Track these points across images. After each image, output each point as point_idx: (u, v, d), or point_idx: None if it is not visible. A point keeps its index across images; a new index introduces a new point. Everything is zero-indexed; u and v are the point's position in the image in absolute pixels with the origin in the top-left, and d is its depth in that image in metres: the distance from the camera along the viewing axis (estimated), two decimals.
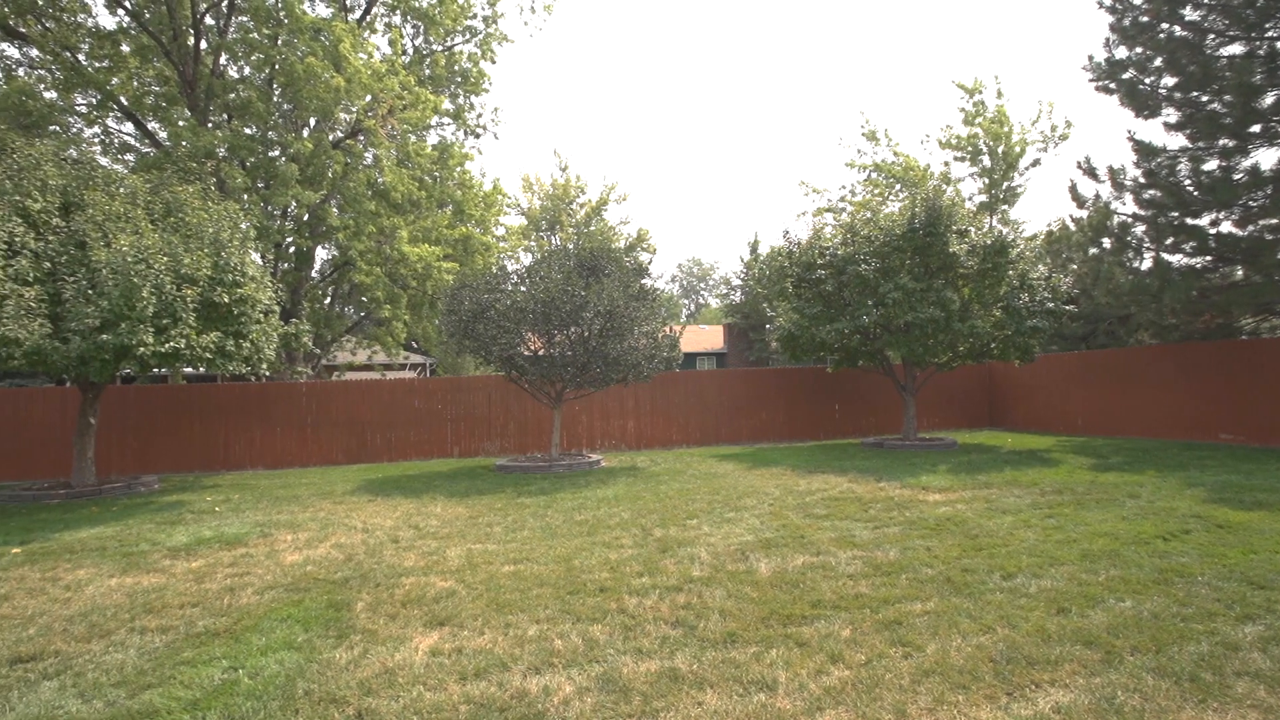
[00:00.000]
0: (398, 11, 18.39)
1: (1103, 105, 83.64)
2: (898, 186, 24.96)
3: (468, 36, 18.92)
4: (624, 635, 4.04)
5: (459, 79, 18.95)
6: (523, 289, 10.92)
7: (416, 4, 17.48)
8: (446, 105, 18.60)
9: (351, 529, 7.24)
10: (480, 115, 19.74)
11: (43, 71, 15.88)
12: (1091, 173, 13.08)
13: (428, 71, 18.28)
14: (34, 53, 15.54)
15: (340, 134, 16.81)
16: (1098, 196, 13.42)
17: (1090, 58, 12.62)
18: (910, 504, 7.56)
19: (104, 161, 16.39)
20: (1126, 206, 12.81)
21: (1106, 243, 13.39)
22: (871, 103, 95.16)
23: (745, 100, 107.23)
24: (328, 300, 19.47)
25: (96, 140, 17.68)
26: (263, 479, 11.87)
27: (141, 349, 8.18)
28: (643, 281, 11.64)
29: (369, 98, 14.91)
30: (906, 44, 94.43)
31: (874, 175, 25.35)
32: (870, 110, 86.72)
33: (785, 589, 4.78)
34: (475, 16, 18.60)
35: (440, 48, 18.88)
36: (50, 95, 15.42)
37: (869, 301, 12.02)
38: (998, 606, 4.27)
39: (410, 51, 18.39)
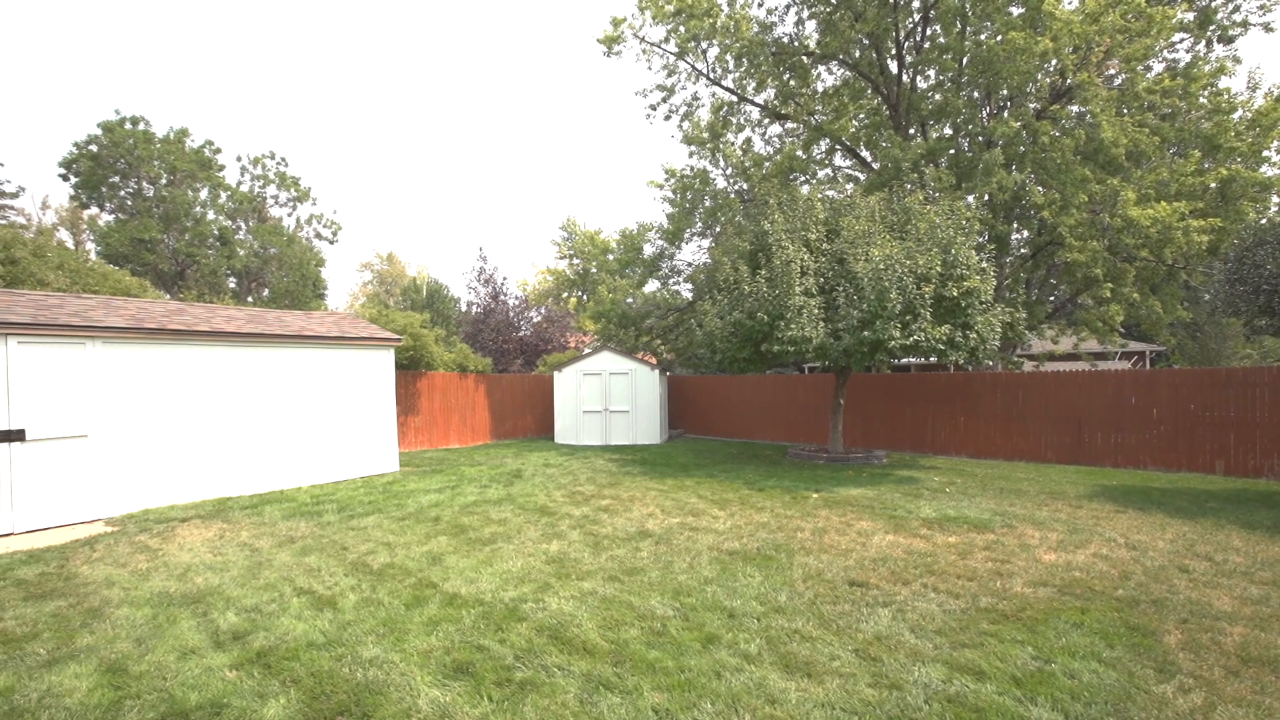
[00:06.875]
0: None
1: None
2: None
3: None
4: None
5: None
6: None
7: None
8: (1185, 17, 14.45)
9: (1110, 541, 6.36)
10: (1240, 4, 14.44)
11: (791, 138, 21.17)
12: None
13: None
14: (789, 125, 20.87)
15: (1036, 106, 15.54)
16: None
17: None
18: None
19: (833, 194, 20.59)
20: None
21: None
22: None
23: None
24: (1023, 285, 18.41)
25: (827, 178, 22.41)
26: (974, 466, 12.12)
27: (891, 342, 9.59)
28: None
29: (1070, 49, 13.12)
30: None
31: None
32: None
33: None
34: None
35: None
36: (799, 153, 20.37)
37: None
38: None
39: None
